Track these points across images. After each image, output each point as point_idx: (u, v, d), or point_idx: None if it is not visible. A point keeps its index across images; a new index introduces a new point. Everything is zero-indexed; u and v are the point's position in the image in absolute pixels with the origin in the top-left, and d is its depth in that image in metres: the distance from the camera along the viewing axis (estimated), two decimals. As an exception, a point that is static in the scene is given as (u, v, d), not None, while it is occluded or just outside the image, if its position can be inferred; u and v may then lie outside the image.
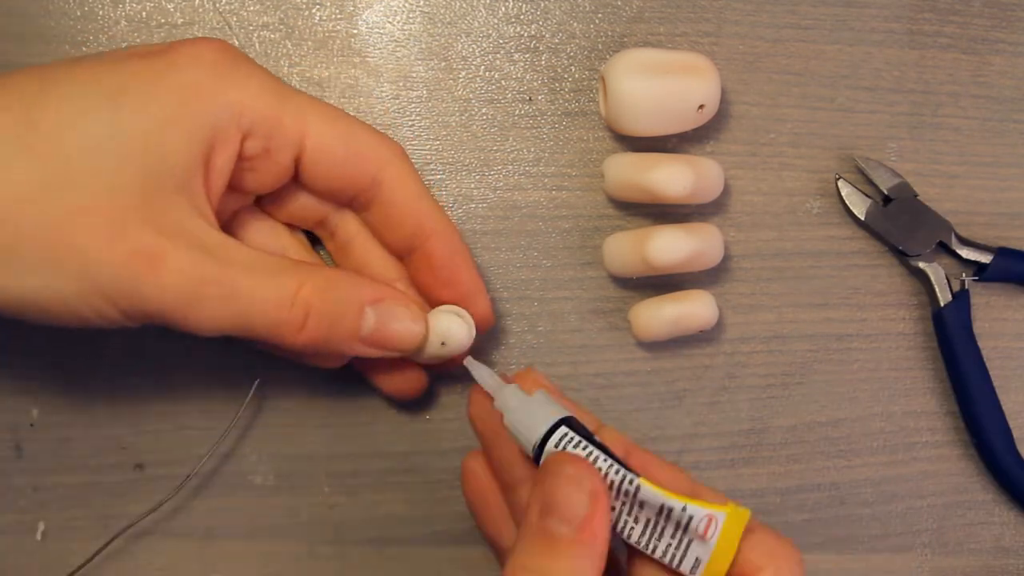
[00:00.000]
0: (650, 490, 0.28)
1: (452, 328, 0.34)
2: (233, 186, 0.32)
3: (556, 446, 0.29)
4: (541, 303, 0.40)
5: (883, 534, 0.41)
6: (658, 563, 0.29)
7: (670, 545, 0.29)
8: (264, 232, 0.35)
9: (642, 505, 0.29)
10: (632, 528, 0.29)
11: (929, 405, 0.41)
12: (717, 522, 0.28)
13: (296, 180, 0.34)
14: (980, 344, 0.40)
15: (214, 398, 0.38)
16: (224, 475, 0.38)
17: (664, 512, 0.28)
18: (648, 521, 0.29)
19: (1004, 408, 0.40)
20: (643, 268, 0.38)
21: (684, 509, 0.28)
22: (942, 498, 0.41)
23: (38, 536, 0.37)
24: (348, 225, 0.36)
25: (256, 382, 0.36)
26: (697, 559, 0.28)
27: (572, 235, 0.40)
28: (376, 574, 0.38)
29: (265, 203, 0.35)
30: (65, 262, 0.28)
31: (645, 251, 0.37)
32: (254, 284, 0.30)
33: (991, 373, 0.40)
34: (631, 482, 0.29)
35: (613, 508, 0.29)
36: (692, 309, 0.38)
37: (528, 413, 0.30)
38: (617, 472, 0.29)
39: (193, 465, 0.37)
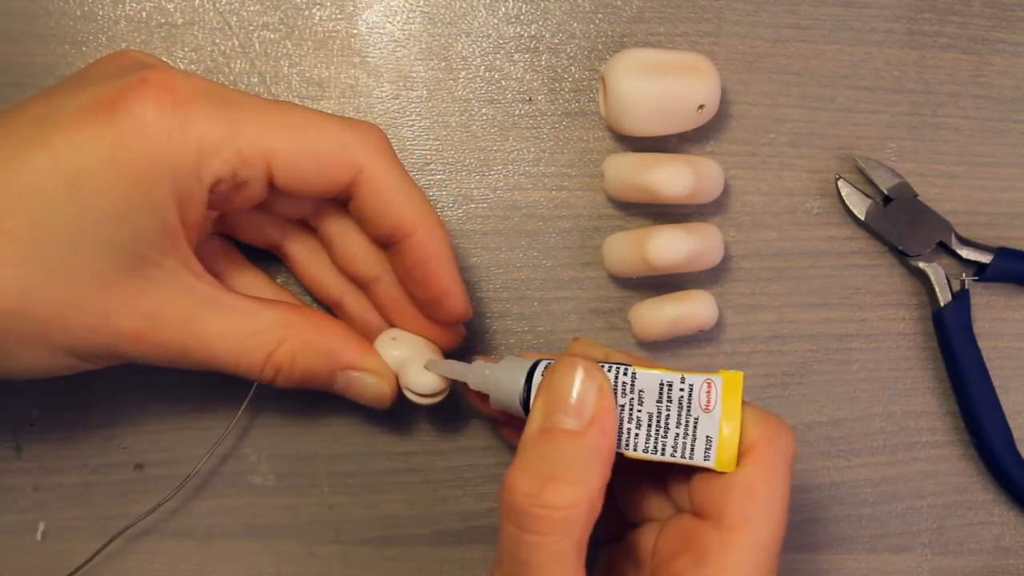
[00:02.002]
0: (646, 372, 0.29)
1: (415, 380, 0.34)
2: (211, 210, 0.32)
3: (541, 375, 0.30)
4: (541, 303, 0.40)
5: (883, 534, 0.41)
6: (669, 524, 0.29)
7: (678, 435, 0.28)
8: (251, 271, 0.37)
9: (642, 398, 0.29)
10: (636, 436, 0.29)
11: (929, 405, 0.41)
12: (716, 386, 0.28)
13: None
14: (980, 344, 0.40)
15: (214, 398, 0.38)
16: (224, 475, 0.38)
17: (664, 393, 0.28)
18: (651, 417, 0.29)
19: (1004, 408, 0.40)
20: (643, 268, 0.38)
21: (683, 379, 0.28)
22: (942, 498, 0.41)
23: (38, 536, 0.37)
24: (298, 248, 0.36)
25: (256, 383, 0.36)
26: (708, 439, 0.28)
27: (572, 235, 0.40)
28: (376, 574, 0.38)
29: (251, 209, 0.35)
30: (63, 347, 0.30)
31: (645, 251, 0.37)
32: (229, 350, 0.31)
33: (991, 373, 0.40)
34: (626, 372, 0.29)
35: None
36: (692, 309, 0.38)
37: (503, 374, 0.31)
38: (610, 369, 0.29)
39: (193, 465, 0.37)
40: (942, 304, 0.40)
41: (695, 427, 0.28)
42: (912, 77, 0.42)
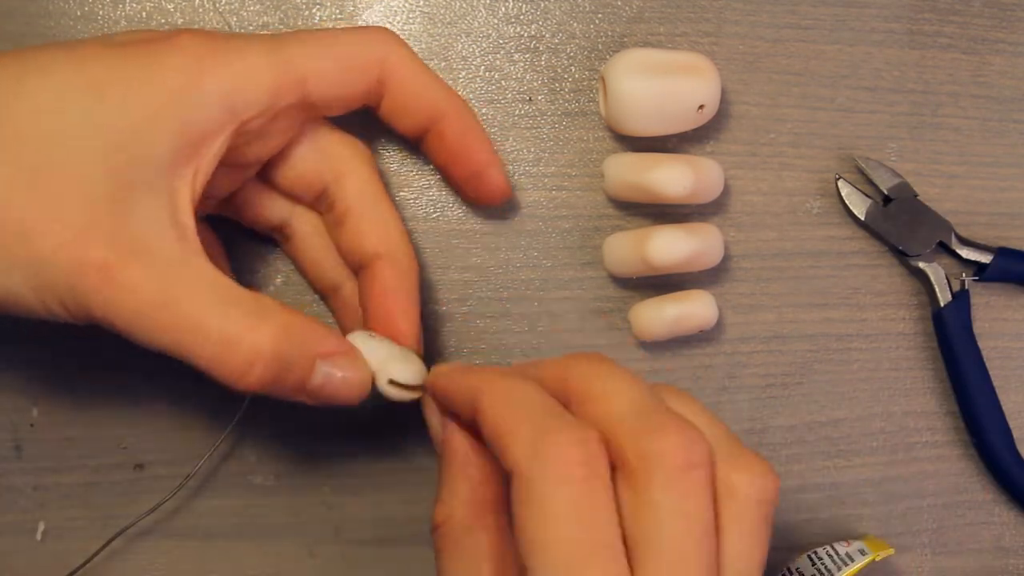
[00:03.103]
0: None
1: (399, 370, 0.32)
2: (233, 161, 0.31)
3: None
4: (541, 303, 0.40)
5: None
6: None
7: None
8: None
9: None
10: None
11: (929, 405, 0.41)
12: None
13: (257, 183, 0.34)
14: (980, 344, 0.40)
15: (214, 398, 0.38)
16: (224, 475, 0.38)
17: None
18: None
19: (1004, 408, 0.40)
20: (643, 268, 0.38)
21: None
22: (942, 498, 0.41)
23: (38, 536, 0.37)
24: (304, 225, 0.36)
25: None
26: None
27: (572, 235, 0.40)
28: (376, 574, 0.38)
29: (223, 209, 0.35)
30: (21, 263, 0.27)
31: (645, 251, 0.37)
32: (202, 316, 0.28)
33: (991, 373, 0.40)
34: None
35: None
36: (692, 309, 0.38)
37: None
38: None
39: (193, 465, 0.37)
40: (942, 304, 0.40)
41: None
42: (912, 77, 0.42)
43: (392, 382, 0.32)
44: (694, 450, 0.25)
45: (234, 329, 0.28)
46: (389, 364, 0.32)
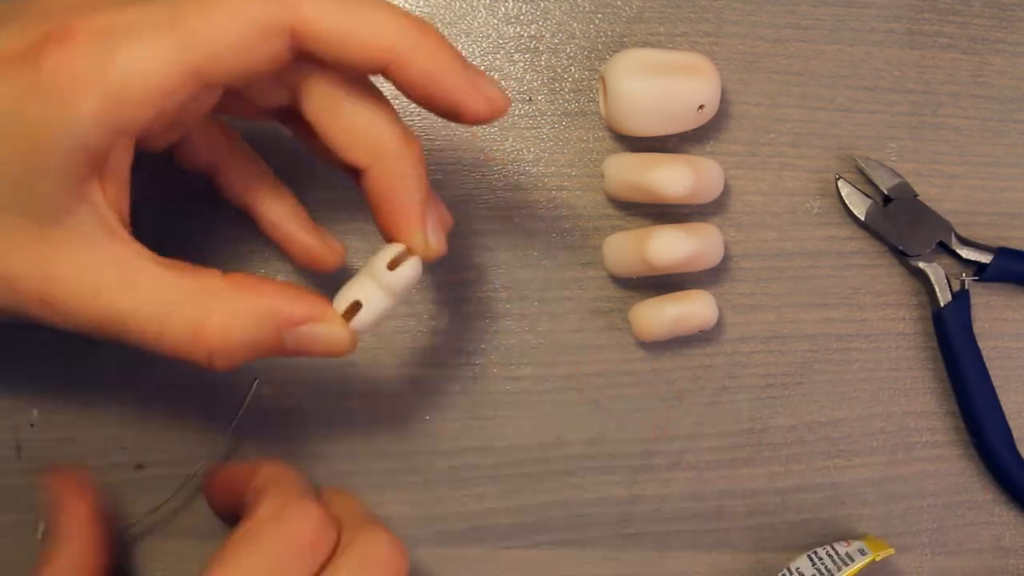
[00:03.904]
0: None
1: (383, 258, 0.30)
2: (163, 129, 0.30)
3: None
4: (541, 303, 0.40)
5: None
6: None
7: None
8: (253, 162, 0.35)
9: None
10: None
11: (929, 405, 0.41)
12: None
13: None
14: (980, 344, 0.40)
15: (214, 398, 0.38)
16: (224, 475, 0.38)
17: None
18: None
19: (1004, 408, 0.40)
20: (643, 268, 0.38)
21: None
22: (942, 498, 0.41)
23: (38, 536, 0.37)
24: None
25: (256, 382, 0.36)
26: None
27: (572, 235, 0.40)
28: (376, 574, 0.38)
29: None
30: None
31: (645, 251, 0.37)
32: (147, 321, 0.28)
33: (991, 373, 0.40)
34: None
35: None
36: (692, 309, 0.38)
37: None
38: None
39: (193, 465, 0.37)
40: (942, 304, 0.40)
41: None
42: (912, 77, 0.42)
43: (390, 265, 0.30)
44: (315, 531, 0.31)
45: (183, 332, 0.28)
46: (375, 264, 0.30)
